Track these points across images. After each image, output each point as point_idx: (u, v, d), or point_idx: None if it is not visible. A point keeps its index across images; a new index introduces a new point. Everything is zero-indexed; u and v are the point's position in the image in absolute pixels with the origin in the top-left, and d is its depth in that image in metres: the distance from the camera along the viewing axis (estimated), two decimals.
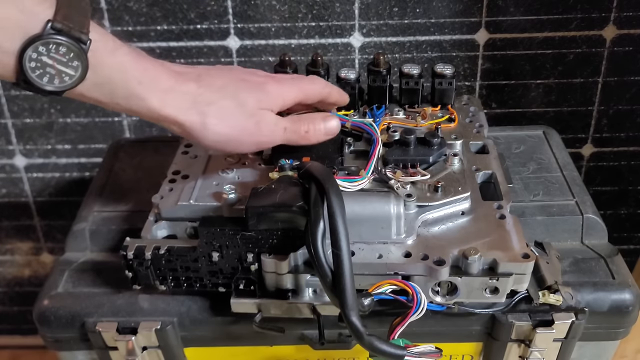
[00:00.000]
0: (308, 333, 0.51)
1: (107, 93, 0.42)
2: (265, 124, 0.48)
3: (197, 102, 0.45)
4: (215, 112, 0.45)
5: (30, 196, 0.90)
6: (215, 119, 0.45)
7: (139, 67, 0.43)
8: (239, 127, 0.46)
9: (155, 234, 0.51)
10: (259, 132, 0.47)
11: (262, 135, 0.48)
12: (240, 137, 0.47)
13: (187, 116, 0.45)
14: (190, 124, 0.45)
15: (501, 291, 0.46)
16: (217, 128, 0.45)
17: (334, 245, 0.40)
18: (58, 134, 0.85)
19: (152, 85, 0.44)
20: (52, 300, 0.52)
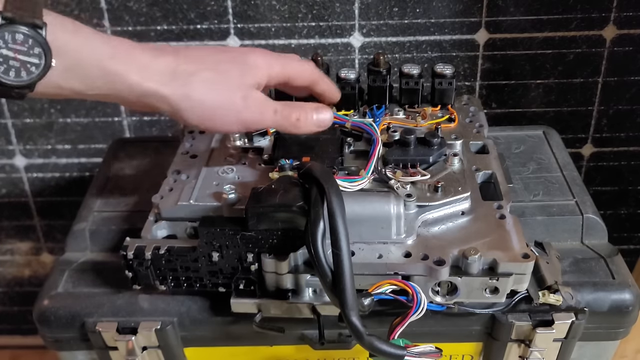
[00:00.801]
0: (308, 333, 0.51)
1: (82, 77, 0.41)
2: (253, 100, 0.46)
3: (177, 74, 0.43)
4: (198, 84, 0.44)
5: (30, 196, 0.90)
6: (199, 90, 0.44)
7: (108, 44, 0.42)
8: (225, 99, 0.44)
9: (155, 234, 0.51)
10: (246, 108, 0.45)
11: (250, 112, 0.46)
12: (227, 112, 0.45)
13: (170, 89, 0.43)
14: (174, 96, 0.43)
15: (501, 291, 0.46)
16: (202, 99, 0.44)
17: (334, 245, 0.40)
18: (58, 134, 0.85)
19: (127, 59, 0.42)
20: (52, 300, 0.52)
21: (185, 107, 0.44)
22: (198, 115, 0.44)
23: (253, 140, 0.56)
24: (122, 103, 0.45)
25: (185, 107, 0.44)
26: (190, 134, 0.60)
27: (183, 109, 0.44)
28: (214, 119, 0.45)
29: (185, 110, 0.44)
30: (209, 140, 0.59)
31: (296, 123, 0.48)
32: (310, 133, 0.50)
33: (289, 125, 0.48)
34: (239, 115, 0.46)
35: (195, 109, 0.44)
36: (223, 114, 0.45)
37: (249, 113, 0.46)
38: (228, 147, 0.57)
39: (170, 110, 0.44)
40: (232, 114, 0.45)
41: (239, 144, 0.56)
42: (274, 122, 0.48)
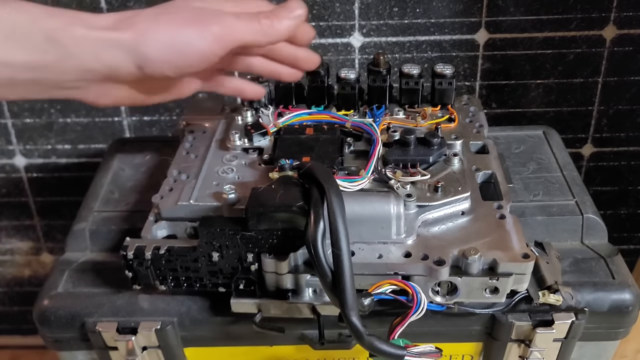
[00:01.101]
0: (308, 333, 0.51)
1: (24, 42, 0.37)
2: (210, 13, 0.42)
3: (122, 19, 0.41)
4: (146, 17, 0.41)
5: (30, 196, 0.90)
6: (149, 22, 0.40)
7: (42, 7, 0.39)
8: (180, 20, 0.41)
9: (155, 234, 0.51)
10: (206, 21, 0.41)
11: (213, 25, 0.41)
12: (188, 33, 0.40)
13: (119, 31, 0.40)
14: (126, 36, 0.40)
15: (501, 291, 0.46)
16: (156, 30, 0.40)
17: (334, 246, 0.40)
18: (58, 134, 0.85)
19: (67, 16, 0.40)
20: (52, 300, 0.52)
21: (142, 45, 0.40)
22: (159, 50, 0.40)
23: (253, 140, 0.56)
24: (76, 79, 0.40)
25: (142, 45, 0.40)
26: (190, 134, 0.60)
27: (141, 48, 0.40)
28: (178, 46, 0.41)
29: (144, 48, 0.40)
30: (209, 140, 0.59)
31: (269, 22, 0.43)
32: (288, 34, 0.45)
33: (262, 27, 0.43)
34: (202, 32, 0.41)
35: (153, 42, 0.40)
36: (184, 36, 0.41)
37: (212, 26, 0.41)
38: (228, 147, 0.57)
39: (127, 58, 0.40)
40: (194, 33, 0.41)
41: (239, 143, 0.56)
42: (246, 28, 0.42)
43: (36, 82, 0.40)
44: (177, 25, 0.41)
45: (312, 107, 0.60)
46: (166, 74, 0.42)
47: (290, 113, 0.58)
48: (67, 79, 0.41)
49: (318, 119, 0.58)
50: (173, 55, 0.41)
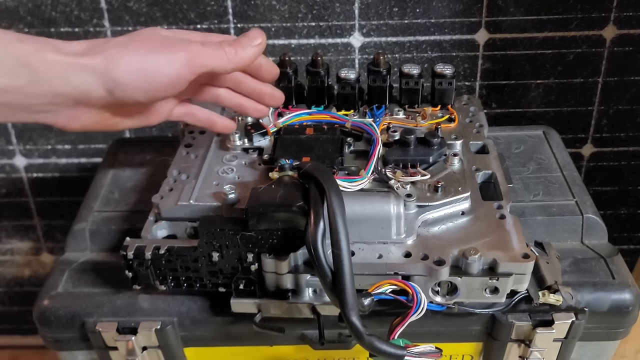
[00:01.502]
0: (308, 333, 0.51)
1: None
2: (175, 40, 0.44)
3: (91, 47, 0.42)
4: (115, 44, 0.42)
5: (30, 196, 0.90)
6: (119, 49, 0.42)
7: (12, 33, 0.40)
8: (148, 47, 0.42)
9: (155, 234, 0.51)
10: (173, 49, 0.43)
11: (180, 52, 0.43)
12: (157, 59, 0.42)
13: (89, 57, 0.41)
14: (96, 62, 0.41)
15: (501, 291, 0.46)
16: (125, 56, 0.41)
17: (334, 246, 0.40)
18: (58, 134, 0.85)
19: (38, 42, 0.40)
20: (52, 300, 0.52)
21: (112, 70, 0.41)
22: (129, 75, 0.41)
23: (253, 140, 0.56)
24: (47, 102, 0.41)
25: (112, 71, 0.41)
26: (190, 134, 0.60)
27: (111, 73, 0.41)
28: (147, 72, 0.42)
29: (114, 74, 0.41)
30: (209, 140, 0.59)
31: (233, 50, 0.45)
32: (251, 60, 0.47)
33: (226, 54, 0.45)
34: (170, 58, 0.42)
35: (123, 68, 0.41)
36: (153, 62, 0.42)
37: (178, 53, 0.43)
38: (228, 147, 0.57)
39: (98, 83, 0.41)
40: (163, 59, 0.42)
41: (239, 143, 0.56)
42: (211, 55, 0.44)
43: (6, 105, 0.40)
44: (146, 51, 0.42)
45: (312, 107, 0.60)
46: (136, 98, 0.43)
47: (290, 113, 0.58)
48: (38, 102, 0.41)
49: (318, 119, 0.58)
50: (143, 80, 0.42)
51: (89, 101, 0.42)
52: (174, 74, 0.43)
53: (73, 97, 0.42)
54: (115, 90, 0.42)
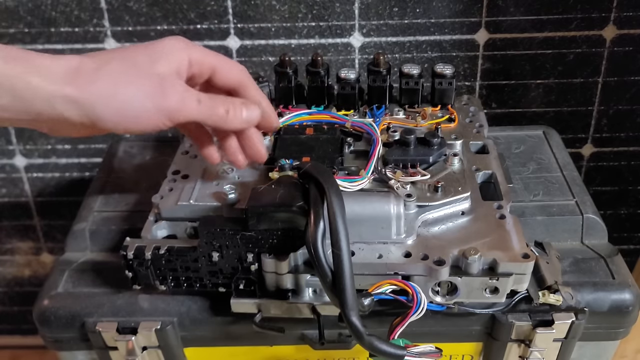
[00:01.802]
0: (308, 333, 0.51)
1: None
2: (171, 86, 0.41)
3: (81, 71, 0.39)
4: (106, 77, 0.40)
5: (30, 196, 0.90)
6: (108, 84, 0.40)
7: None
8: (138, 89, 0.40)
9: (155, 234, 0.51)
10: (164, 96, 0.41)
11: (170, 101, 0.41)
12: (143, 103, 0.40)
13: (76, 88, 0.39)
14: (82, 95, 0.39)
15: (501, 291, 0.46)
16: (113, 93, 0.40)
17: (334, 246, 0.40)
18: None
19: (24, 61, 0.38)
20: (52, 300, 0.52)
21: (97, 106, 0.40)
22: (113, 114, 0.40)
23: None
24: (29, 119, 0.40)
25: (97, 107, 0.40)
26: None
27: (95, 109, 0.40)
28: (131, 113, 0.41)
29: (98, 110, 0.40)
30: None
31: (224, 116, 0.44)
32: (236, 130, 0.46)
33: (217, 118, 0.44)
34: (158, 105, 0.41)
35: (108, 106, 0.40)
36: (140, 106, 0.41)
37: (168, 102, 0.41)
38: None
39: (80, 114, 0.40)
40: (150, 105, 0.41)
41: None
42: (199, 112, 0.43)
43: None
44: (135, 92, 0.40)
45: (312, 107, 0.60)
46: (117, 132, 0.42)
47: (290, 113, 0.58)
48: (20, 118, 0.40)
49: (318, 119, 0.58)
50: (125, 121, 0.41)
51: (73, 125, 0.41)
52: (158, 122, 0.42)
53: (56, 120, 0.40)
54: (97, 123, 0.41)
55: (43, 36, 0.78)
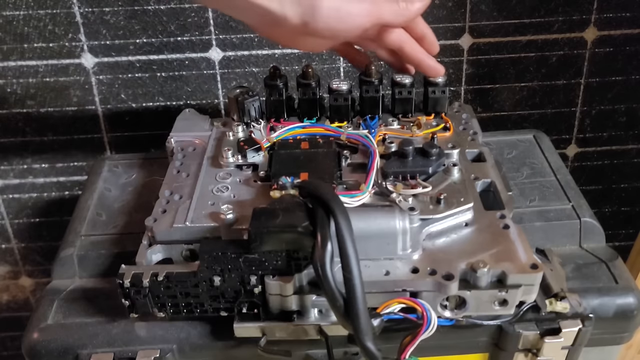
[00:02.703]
0: (314, 354, 0.50)
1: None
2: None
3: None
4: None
5: (7, 218, 0.87)
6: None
7: None
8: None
9: (150, 259, 0.49)
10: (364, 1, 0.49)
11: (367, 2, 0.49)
12: (349, 5, 0.48)
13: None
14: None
15: (510, 303, 0.45)
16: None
17: (344, 269, 0.39)
18: (34, 152, 0.82)
19: None
20: (42, 332, 0.50)
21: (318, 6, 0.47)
22: (328, 12, 0.48)
23: (247, 157, 0.55)
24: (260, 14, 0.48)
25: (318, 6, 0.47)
26: (180, 151, 0.58)
27: (316, 8, 0.47)
28: (341, 15, 0.48)
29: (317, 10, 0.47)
30: (200, 158, 0.57)
31: (404, 6, 0.52)
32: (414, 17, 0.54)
33: (397, 9, 0.52)
34: (360, 8, 0.49)
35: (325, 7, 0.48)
36: (349, 8, 0.48)
37: (365, 4, 0.49)
38: (221, 164, 0.55)
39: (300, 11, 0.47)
40: (355, 8, 0.49)
41: (232, 160, 0.55)
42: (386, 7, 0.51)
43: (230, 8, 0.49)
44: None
45: (305, 120, 0.59)
46: (323, 34, 0.50)
47: (282, 127, 0.57)
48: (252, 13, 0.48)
49: (312, 132, 0.56)
50: (335, 21, 0.49)
51: (282, 24, 0.48)
52: (359, 21, 0.50)
53: (277, 18, 0.48)
54: (310, 23, 0.48)
55: (16, 53, 0.75)
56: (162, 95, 0.79)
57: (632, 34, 0.78)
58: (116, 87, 0.78)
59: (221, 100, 0.80)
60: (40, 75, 0.77)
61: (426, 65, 0.57)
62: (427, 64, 0.57)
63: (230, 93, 0.59)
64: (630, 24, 0.78)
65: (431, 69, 0.57)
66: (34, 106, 0.79)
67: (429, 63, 0.57)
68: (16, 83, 0.77)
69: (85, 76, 0.77)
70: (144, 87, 0.78)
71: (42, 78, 0.77)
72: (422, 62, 0.57)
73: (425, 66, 0.57)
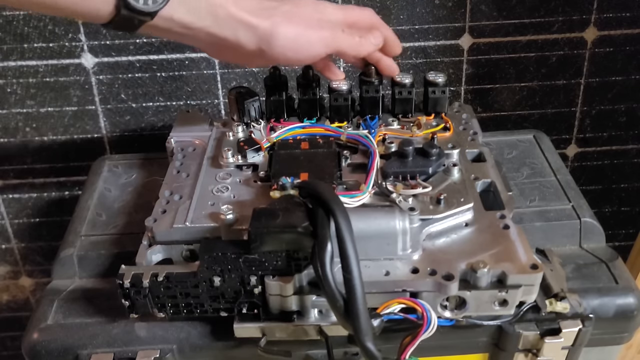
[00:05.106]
0: (313, 354, 0.50)
1: (191, 9, 0.46)
2: (326, 20, 0.52)
3: (264, 8, 0.50)
4: (282, 14, 0.50)
5: (7, 218, 0.87)
6: (283, 18, 0.49)
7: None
8: (303, 23, 0.50)
9: (150, 259, 0.49)
10: (321, 27, 0.51)
11: (326, 29, 0.51)
12: (307, 34, 0.50)
13: (258, 19, 0.49)
14: (261, 26, 0.48)
15: (510, 303, 0.45)
16: (285, 27, 0.49)
17: (344, 270, 0.39)
18: (34, 152, 0.82)
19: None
20: (42, 333, 0.50)
21: (274, 35, 0.49)
22: (285, 42, 0.49)
23: (247, 157, 0.55)
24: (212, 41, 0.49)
25: (274, 36, 0.49)
26: (180, 151, 0.58)
27: (272, 37, 0.49)
28: (299, 45, 0.50)
29: (273, 40, 0.49)
30: (200, 158, 0.57)
31: (359, 42, 0.54)
32: (367, 54, 0.56)
33: (354, 44, 0.54)
34: (317, 35, 0.51)
35: (282, 36, 0.49)
36: (305, 37, 0.50)
37: (325, 30, 0.52)
38: (221, 164, 0.55)
39: (256, 41, 0.49)
40: (312, 35, 0.51)
41: (232, 160, 0.55)
42: (344, 40, 0.53)
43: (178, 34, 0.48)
44: (303, 27, 0.51)
45: (305, 120, 0.59)
46: (279, 61, 0.53)
47: (282, 127, 0.57)
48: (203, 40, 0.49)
49: (312, 133, 0.56)
50: (292, 50, 0.50)
51: (236, 50, 0.50)
52: (317, 51, 0.52)
53: (230, 45, 0.49)
54: (267, 51, 0.50)
55: (16, 53, 0.75)
56: (162, 95, 0.79)
57: (632, 34, 0.78)
58: (116, 87, 0.78)
59: (221, 100, 0.80)
60: (40, 75, 0.76)
61: (383, 64, 0.58)
62: (384, 64, 0.58)
63: (230, 93, 0.59)
64: (630, 24, 0.78)
65: (387, 69, 0.58)
66: (34, 106, 0.79)
67: (386, 63, 0.58)
68: (16, 83, 0.77)
69: (85, 76, 0.77)
70: (144, 87, 0.78)
71: (42, 78, 0.77)
72: (380, 62, 0.58)
73: (383, 66, 0.58)
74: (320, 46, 0.51)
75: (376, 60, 0.58)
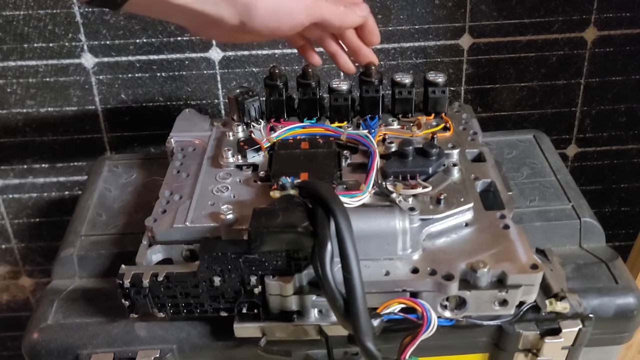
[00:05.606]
0: (313, 354, 0.50)
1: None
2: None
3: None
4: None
5: (7, 218, 0.87)
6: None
7: None
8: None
9: (150, 259, 0.49)
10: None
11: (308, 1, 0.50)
12: (288, 3, 0.49)
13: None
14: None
15: (510, 303, 0.45)
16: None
17: (344, 270, 0.39)
18: (34, 152, 0.82)
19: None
20: (42, 333, 0.50)
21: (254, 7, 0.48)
22: (265, 13, 0.49)
23: (247, 157, 0.55)
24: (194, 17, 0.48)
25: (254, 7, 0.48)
26: (180, 151, 0.58)
27: (252, 9, 0.48)
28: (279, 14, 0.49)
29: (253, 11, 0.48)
30: (200, 158, 0.57)
31: (343, 12, 0.53)
32: (353, 26, 0.55)
33: (338, 13, 0.53)
34: (299, 7, 0.50)
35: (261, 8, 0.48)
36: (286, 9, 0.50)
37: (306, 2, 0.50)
38: (221, 164, 0.55)
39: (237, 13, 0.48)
40: (294, 6, 0.50)
41: (232, 160, 0.55)
42: (327, 9, 0.52)
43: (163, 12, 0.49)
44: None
45: (305, 120, 0.59)
46: (261, 33, 0.51)
47: (282, 127, 0.57)
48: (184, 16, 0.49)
49: (312, 133, 0.56)
50: (272, 21, 0.50)
51: (219, 24, 0.49)
52: (297, 19, 0.51)
53: (213, 20, 0.49)
54: (248, 23, 0.49)
55: (16, 53, 0.75)
56: (162, 95, 0.79)
57: (632, 34, 0.78)
58: (116, 87, 0.78)
59: (221, 100, 0.80)
60: (40, 75, 0.77)
61: (363, 54, 0.58)
62: (364, 52, 0.58)
63: (230, 93, 0.59)
64: (630, 24, 0.78)
65: (366, 57, 0.58)
66: (34, 106, 0.79)
67: (366, 51, 0.58)
68: (16, 83, 0.77)
69: (85, 76, 0.77)
70: (144, 87, 0.78)
71: (42, 78, 0.77)
72: (360, 50, 0.58)
73: (363, 54, 0.58)
74: (302, 15, 0.50)
75: (356, 48, 0.57)
